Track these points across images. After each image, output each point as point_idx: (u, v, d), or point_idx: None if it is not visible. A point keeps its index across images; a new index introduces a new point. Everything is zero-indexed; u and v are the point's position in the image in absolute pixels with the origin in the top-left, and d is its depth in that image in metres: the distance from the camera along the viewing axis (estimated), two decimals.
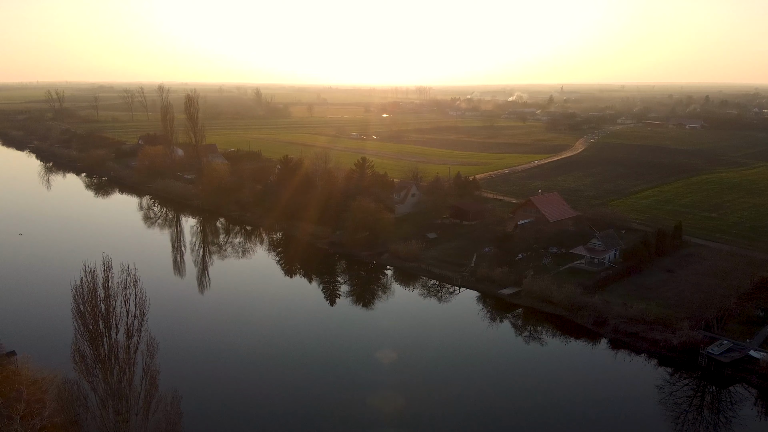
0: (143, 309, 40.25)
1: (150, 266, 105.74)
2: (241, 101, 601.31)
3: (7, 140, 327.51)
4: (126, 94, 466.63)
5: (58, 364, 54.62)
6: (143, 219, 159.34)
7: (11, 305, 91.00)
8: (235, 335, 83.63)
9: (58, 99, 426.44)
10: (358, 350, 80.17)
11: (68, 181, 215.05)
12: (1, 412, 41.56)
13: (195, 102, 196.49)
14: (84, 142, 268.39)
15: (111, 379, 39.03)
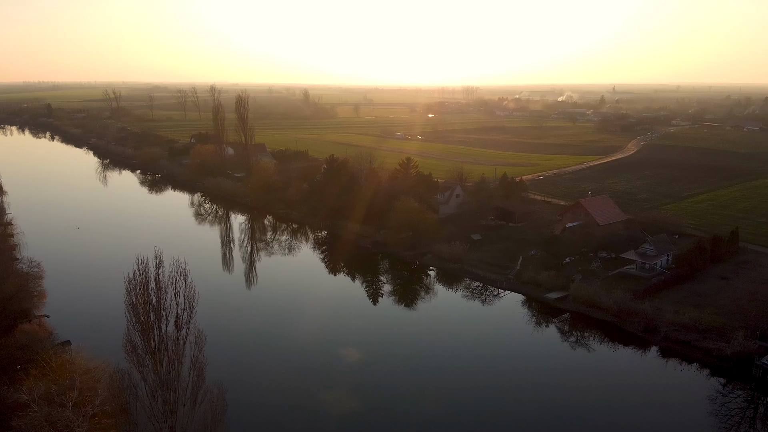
0: (192, 302, 41.38)
1: (200, 261, 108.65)
2: (290, 102, 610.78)
3: (67, 137, 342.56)
4: (179, 94, 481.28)
5: (110, 354, 56.72)
6: (194, 215, 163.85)
7: (67, 296, 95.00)
8: (279, 331, 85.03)
9: (115, 98, 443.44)
10: (400, 350, 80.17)
11: (124, 177, 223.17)
12: (55, 399, 43.34)
13: (245, 102, 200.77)
14: (139, 140, 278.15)
15: (160, 369, 40.29)
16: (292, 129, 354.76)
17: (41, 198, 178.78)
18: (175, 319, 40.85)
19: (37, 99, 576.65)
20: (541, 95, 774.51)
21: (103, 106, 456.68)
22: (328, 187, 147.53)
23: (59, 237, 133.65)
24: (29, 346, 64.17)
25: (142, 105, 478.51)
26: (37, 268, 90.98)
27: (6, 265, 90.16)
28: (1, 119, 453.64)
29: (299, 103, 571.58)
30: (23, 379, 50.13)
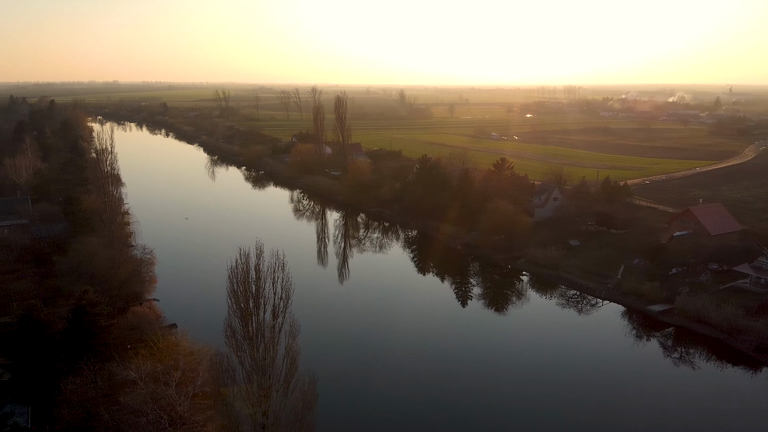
0: (288, 292, 42.89)
1: (296, 253, 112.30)
2: (386, 102, 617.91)
3: (180, 134, 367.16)
4: (283, 95, 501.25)
5: (211, 337, 59.95)
6: (293, 211, 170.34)
7: (175, 282, 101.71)
8: (369, 326, 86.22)
9: (224, 98, 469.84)
10: (488, 355, 78.72)
11: (230, 173, 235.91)
12: (160, 378, 46.19)
13: (343, 103, 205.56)
14: (245, 138, 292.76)
15: (257, 355, 42.06)
16: (387, 129, 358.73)
17: (156, 190, 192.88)
18: (272, 307, 42.50)
19: (154, 98, 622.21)
20: (649, 95, 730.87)
21: (213, 106, 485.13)
22: (420, 187, 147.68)
23: (170, 226, 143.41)
24: (139, 327, 69.00)
25: (249, 105, 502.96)
26: (149, 255, 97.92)
27: (122, 251, 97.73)
28: (122, 116, 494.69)
29: (395, 103, 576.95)
30: (132, 358, 53.97)
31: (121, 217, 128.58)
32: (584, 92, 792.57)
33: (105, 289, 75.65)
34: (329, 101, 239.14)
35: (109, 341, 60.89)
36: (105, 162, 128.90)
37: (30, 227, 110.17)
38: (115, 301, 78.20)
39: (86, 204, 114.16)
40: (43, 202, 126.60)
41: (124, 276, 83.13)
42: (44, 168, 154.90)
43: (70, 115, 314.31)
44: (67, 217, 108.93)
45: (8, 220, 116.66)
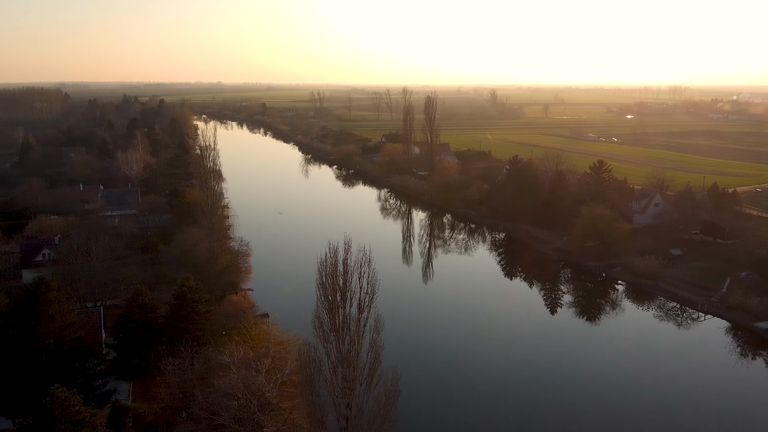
0: (374, 287, 43.47)
1: (382, 251, 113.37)
2: (477, 102, 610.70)
3: (277, 134, 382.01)
4: (374, 96, 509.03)
5: (299, 328, 61.98)
6: (380, 209, 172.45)
7: (269, 273, 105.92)
8: (452, 328, 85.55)
9: (318, 99, 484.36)
10: (578, 366, 75.69)
11: (322, 171, 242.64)
12: (251, 364, 48.18)
13: (433, 103, 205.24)
14: (337, 138, 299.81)
15: (342, 347, 42.94)
16: (476, 129, 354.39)
17: (253, 185, 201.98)
18: (357, 301, 43.24)
19: (254, 98, 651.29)
20: (763, 97, 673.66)
21: (308, 106, 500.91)
22: (510, 189, 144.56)
23: (265, 220, 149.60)
24: (234, 315, 72.45)
25: (341, 106, 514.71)
26: (245, 247, 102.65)
27: (221, 242, 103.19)
28: (224, 115, 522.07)
29: (486, 103, 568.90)
30: (227, 344, 56.70)
31: (221, 210, 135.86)
32: (691, 93, 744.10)
33: (204, 278, 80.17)
34: (419, 102, 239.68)
35: (206, 327, 64.45)
36: (208, 158, 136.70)
37: (139, 217, 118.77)
38: (213, 289, 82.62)
39: (190, 197, 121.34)
40: (151, 194, 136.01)
41: (222, 266, 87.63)
42: (153, 162, 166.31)
43: (178, 114, 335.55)
44: (172, 209, 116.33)
45: (120, 210, 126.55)
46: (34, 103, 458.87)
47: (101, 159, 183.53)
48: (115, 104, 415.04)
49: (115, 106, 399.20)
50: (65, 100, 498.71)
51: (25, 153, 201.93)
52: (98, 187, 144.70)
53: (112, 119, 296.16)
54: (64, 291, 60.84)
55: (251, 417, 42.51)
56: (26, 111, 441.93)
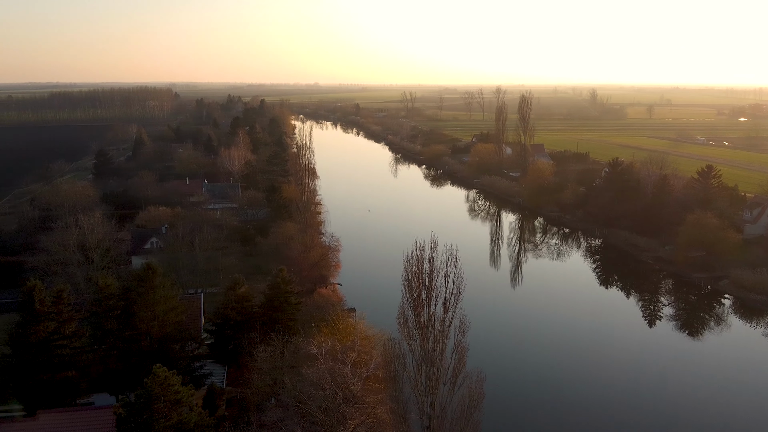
0: (460, 288, 43.11)
1: (469, 252, 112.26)
2: (575, 102, 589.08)
3: (369, 134, 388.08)
4: (466, 96, 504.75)
5: (384, 324, 62.72)
6: (468, 210, 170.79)
7: (356, 269, 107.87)
8: (539, 335, 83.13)
9: (410, 99, 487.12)
10: (677, 381, 71.08)
11: (411, 171, 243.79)
12: (338, 356, 49.27)
13: (528, 102, 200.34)
14: (427, 138, 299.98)
15: (426, 346, 42.95)
16: (573, 130, 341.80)
17: (344, 183, 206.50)
18: (443, 301, 43.07)
19: (348, 99, 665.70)
20: None
21: (400, 107, 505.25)
22: (608, 193, 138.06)
23: (354, 217, 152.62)
24: (323, 308, 74.43)
25: (433, 106, 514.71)
26: (335, 243, 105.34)
27: (313, 237, 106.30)
28: (320, 115, 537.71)
29: (585, 103, 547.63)
30: (315, 335, 58.36)
31: (314, 206, 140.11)
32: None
33: (297, 271, 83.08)
34: (513, 101, 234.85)
35: (297, 318, 66.71)
36: (304, 156, 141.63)
37: (239, 211, 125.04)
38: (305, 281, 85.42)
39: (286, 193, 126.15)
40: (251, 189, 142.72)
41: (314, 260, 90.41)
42: (253, 159, 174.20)
43: (277, 113, 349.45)
44: (270, 204, 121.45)
45: (222, 204, 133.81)
46: (147, 102, 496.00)
47: (206, 155, 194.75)
48: (220, 104, 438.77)
49: (220, 106, 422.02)
50: (175, 99, 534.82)
51: (138, 148, 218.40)
52: (203, 182, 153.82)
53: (217, 118, 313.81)
54: (169, 277, 65.09)
55: (336, 408, 43.49)
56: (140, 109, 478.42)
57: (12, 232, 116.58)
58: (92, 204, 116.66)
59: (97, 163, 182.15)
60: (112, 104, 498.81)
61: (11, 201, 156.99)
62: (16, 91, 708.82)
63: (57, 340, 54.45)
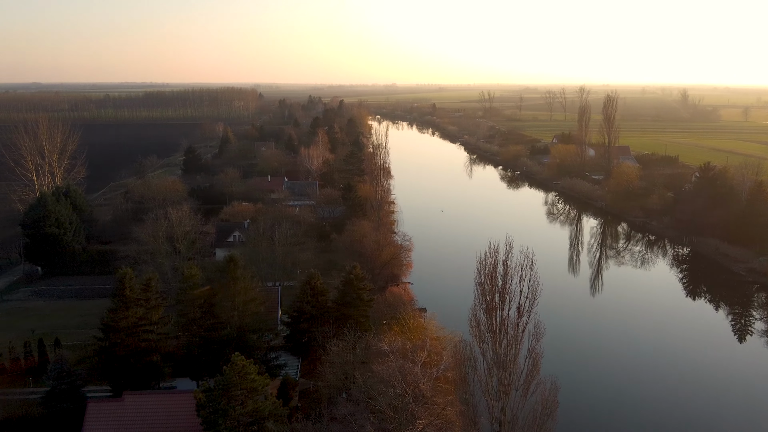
0: (535, 292, 42.03)
1: (546, 256, 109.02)
2: (664, 103, 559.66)
3: (444, 134, 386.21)
4: (547, 95, 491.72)
5: (454, 326, 62.28)
6: (546, 213, 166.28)
7: (428, 269, 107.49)
8: (619, 346, 79.67)
9: (488, 99, 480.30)
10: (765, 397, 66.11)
11: (486, 172, 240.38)
12: (408, 355, 49.36)
13: (614, 103, 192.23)
14: (505, 138, 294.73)
15: (499, 350, 42.23)
16: (662, 132, 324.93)
17: (417, 183, 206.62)
18: (517, 305, 42.18)
19: (425, 99, 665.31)
20: None
21: (477, 107, 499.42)
22: (698, 199, 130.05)
23: (427, 217, 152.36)
24: (394, 306, 74.81)
25: (512, 105, 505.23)
26: (408, 242, 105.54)
27: (386, 236, 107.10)
28: (396, 116, 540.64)
29: (674, 104, 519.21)
30: (386, 333, 58.85)
31: (388, 205, 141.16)
32: None
33: (370, 268, 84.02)
34: (597, 101, 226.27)
35: (369, 314, 67.55)
36: (379, 156, 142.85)
37: (316, 208, 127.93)
38: (377, 279, 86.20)
39: (361, 192, 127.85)
40: (328, 187, 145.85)
41: (386, 258, 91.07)
42: (331, 158, 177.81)
43: (355, 114, 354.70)
44: (345, 202, 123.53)
45: (300, 201, 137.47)
46: (233, 102, 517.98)
47: (287, 153, 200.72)
48: (301, 104, 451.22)
49: (301, 106, 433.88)
50: (259, 99, 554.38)
51: (224, 145, 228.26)
52: (283, 179, 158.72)
53: (298, 118, 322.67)
54: (249, 270, 67.61)
55: (405, 406, 43.60)
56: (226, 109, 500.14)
57: (107, 222, 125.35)
58: (180, 198, 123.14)
59: (186, 159, 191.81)
60: (201, 104, 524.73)
61: (107, 193, 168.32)
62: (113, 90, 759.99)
63: (144, 325, 57.87)
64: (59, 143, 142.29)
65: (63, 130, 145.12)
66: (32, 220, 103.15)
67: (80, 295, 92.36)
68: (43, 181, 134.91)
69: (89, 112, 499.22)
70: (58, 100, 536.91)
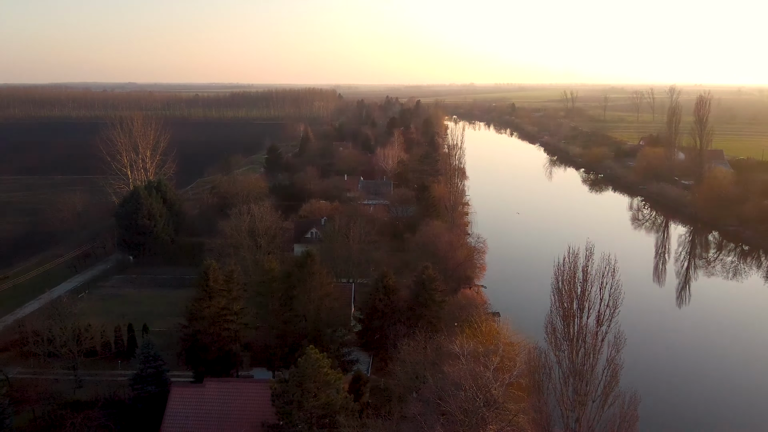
0: (616, 301, 40.28)
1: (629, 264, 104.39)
2: (763, 104, 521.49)
3: (523, 134, 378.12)
4: (635, 96, 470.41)
5: (529, 332, 60.78)
6: (630, 219, 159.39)
7: (502, 272, 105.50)
8: (708, 363, 75.09)
9: (571, 99, 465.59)
10: None
11: (567, 174, 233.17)
12: (480, 359, 48.67)
13: (707, 104, 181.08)
14: (587, 139, 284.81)
15: (575, 359, 40.83)
16: (761, 135, 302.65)
17: (493, 184, 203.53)
18: (596, 313, 40.60)
19: (504, 99, 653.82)
20: None
21: (559, 106, 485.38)
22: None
23: (502, 219, 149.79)
24: (466, 309, 73.90)
25: (596, 105, 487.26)
26: (482, 244, 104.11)
27: (460, 237, 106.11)
28: (473, 116, 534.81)
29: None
30: (457, 335, 58.26)
31: (462, 206, 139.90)
32: None
33: (442, 269, 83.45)
34: (689, 103, 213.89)
35: (441, 316, 67.24)
36: (454, 156, 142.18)
37: (390, 207, 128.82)
38: (449, 281, 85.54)
39: (435, 192, 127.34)
40: (402, 187, 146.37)
41: (459, 260, 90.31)
42: (406, 158, 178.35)
43: (431, 114, 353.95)
44: (419, 202, 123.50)
45: (375, 200, 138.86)
46: (314, 103, 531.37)
47: (363, 153, 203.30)
48: (378, 105, 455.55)
49: (378, 107, 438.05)
50: (339, 100, 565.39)
51: (304, 145, 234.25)
52: (359, 178, 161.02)
53: (375, 118, 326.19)
54: (325, 266, 69.11)
55: (476, 410, 43.07)
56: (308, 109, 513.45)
57: (194, 215, 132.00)
58: (263, 194, 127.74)
59: (269, 157, 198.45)
60: (284, 104, 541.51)
61: (195, 188, 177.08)
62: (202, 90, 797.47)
63: (226, 315, 60.48)
64: (152, 140, 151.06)
65: (156, 127, 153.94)
66: (126, 212, 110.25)
67: (168, 284, 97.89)
68: (137, 176, 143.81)
69: (180, 110, 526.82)
70: (152, 99, 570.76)
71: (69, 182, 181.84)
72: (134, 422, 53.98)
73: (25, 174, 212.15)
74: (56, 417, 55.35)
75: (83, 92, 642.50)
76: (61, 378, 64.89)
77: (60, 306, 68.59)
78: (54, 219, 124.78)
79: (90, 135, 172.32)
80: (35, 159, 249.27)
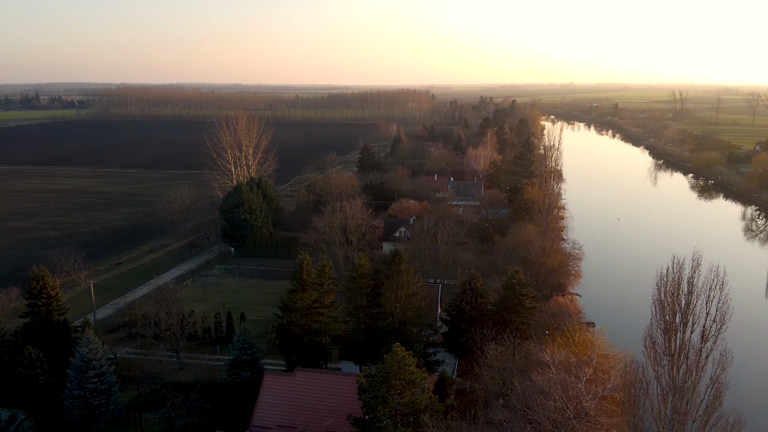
0: (724, 316, 37.37)
1: (739, 277, 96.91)
2: None
3: (626, 136, 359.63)
4: (751, 97, 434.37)
5: (625, 344, 57.84)
6: (743, 229, 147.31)
7: (599, 281, 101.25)
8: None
9: (680, 100, 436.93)
10: None
11: (673, 179, 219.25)
12: (571, 369, 46.91)
13: None
14: (697, 143, 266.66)
15: (676, 375, 38.37)
16: None
17: (592, 188, 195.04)
18: (701, 328, 37.88)
19: (605, 99, 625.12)
20: None
21: (666, 108, 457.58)
22: None
23: (601, 225, 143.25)
24: (559, 317, 71.44)
25: (707, 107, 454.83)
26: (578, 251, 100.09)
27: (554, 242, 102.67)
28: (572, 116, 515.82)
29: None
30: (548, 343, 56.43)
31: (557, 210, 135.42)
32: None
33: (534, 275, 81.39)
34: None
35: (531, 322, 65.54)
36: (551, 158, 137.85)
37: (480, 209, 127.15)
38: (541, 287, 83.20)
39: (528, 194, 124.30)
40: (493, 189, 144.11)
41: (552, 266, 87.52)
42: (499, 159, 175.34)
43: (527, 114, 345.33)
44: (511, 204, 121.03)
45: (464, 201, 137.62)
46: (407, 103, 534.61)
47: (454, 154, 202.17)
48: (472, 105, 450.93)
49: (472, 107, 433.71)
50: (432, 101, 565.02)
51: (396, 145, 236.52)
52: (449, 179, 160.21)
53: (468, 118, 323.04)
54: (413, 265, 69.44)
55: (566, 422, 41.64)
56: (401, 110, 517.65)
57: (291, 211, 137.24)
58: (355, 193, 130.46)
59: (362, 157, 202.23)
60: (378, 105, 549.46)
61: (293, 185, 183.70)
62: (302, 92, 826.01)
63: (317, 308, 62.42)
64: (255, 138, 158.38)
65: (258, 126, 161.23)
66: (229, 206, 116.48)
67: (265, 276, 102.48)
68: (240, 172, 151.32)
69: (281, 111, 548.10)
70: (255, 99, 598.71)
71: (178, 176, 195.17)
72: (229, 405, 57.04)
73: (140, 168, 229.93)
74: (158, 396, 59.65)
75: (193, 92, 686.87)
76: (165, 360, 69.73)
77: (167, 292, 73.68)
78: (164, 211, 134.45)
79: (198, 133, 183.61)
80: (149, 154, 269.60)
